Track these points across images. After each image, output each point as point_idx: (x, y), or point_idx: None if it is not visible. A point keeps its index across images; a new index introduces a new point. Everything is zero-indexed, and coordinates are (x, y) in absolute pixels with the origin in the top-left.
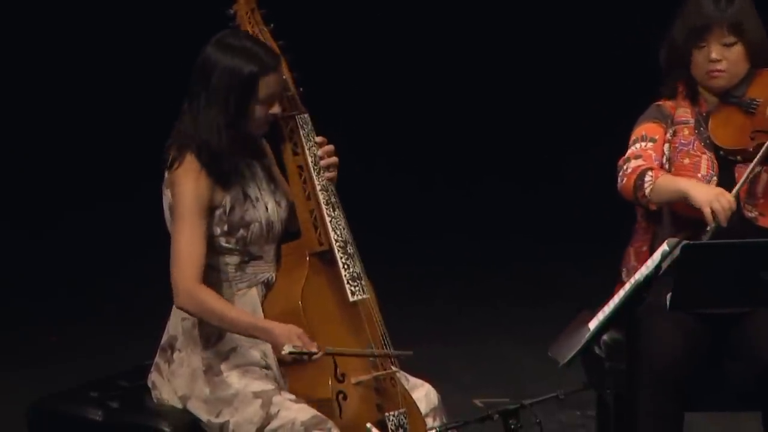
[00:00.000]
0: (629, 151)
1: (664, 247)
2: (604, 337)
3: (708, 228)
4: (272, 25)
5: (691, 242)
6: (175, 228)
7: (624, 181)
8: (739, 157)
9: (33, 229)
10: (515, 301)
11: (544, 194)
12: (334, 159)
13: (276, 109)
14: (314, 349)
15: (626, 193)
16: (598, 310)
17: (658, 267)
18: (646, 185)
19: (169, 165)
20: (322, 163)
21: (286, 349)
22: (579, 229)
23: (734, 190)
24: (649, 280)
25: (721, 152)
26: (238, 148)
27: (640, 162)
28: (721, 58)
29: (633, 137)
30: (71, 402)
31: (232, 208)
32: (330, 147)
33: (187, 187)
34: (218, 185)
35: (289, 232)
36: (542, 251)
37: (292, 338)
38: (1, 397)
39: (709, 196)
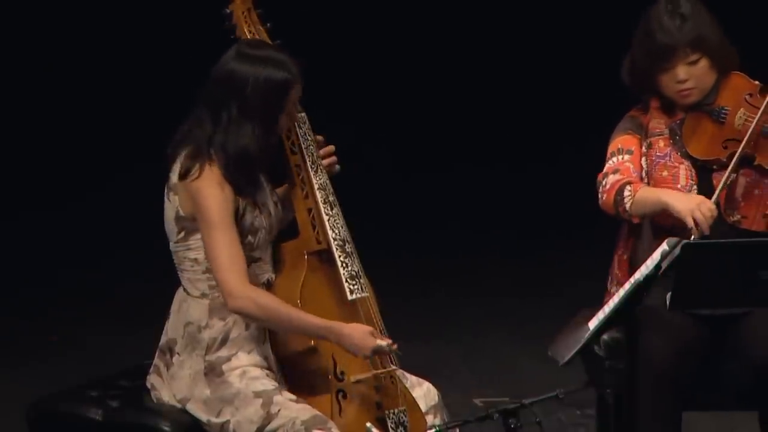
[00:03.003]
0: (607, 166)
1: (664, 246)
2: (604, 336)
3: (692, 238)
4: (269, 24)
5: (692, 242)
6: (209, 236)
7: (604, 198)
8: (714, 166)
9: (33, 227)
10: (515, 300)
11: (545, 192)
12: (334, 159)
13: (296, 118)
14: (390, 341)
15: (608, 209)
16: (598, 310)
17: (657, 266)
18: (626, 200)
19: (183, 174)
20: (324, 162)
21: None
22: (580, 228)
23: (714, 197)
24: (649, 279)
25: (698, 162)
26: (267, 156)
27: (618, 177)
28: (689, 77)
29: (609, 151)
30: (71, 401)
31: (243, 215)
32: (330, 147)
33: (212, 193)
34: (238, 193)
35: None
36: (543, 249)
37: (365, 337)
38: (1, 397)
39: (691, 205)
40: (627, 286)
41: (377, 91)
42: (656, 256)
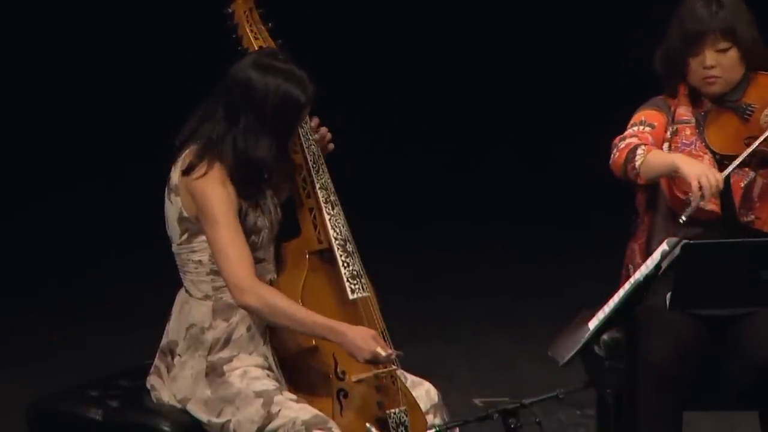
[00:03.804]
0: (626, 132)
1: (664, 246)
2: (604, 336)
3: (692, 203)
4: (270, 24)
5: (691, 242)
6: (214, 232)
7: (616, 156)
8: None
9: (32, 227)
10: (515, 300)
11: (546, 191)
12: (330, 136)
13: (298, 137)
14: (390, 351)
15: (616, 168)
16: (598, 310)
17: (657, 266)
18: (637, 158)
19: (186, 170)
20: (322, 133)
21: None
22: (580, 228)
23: (725, 173)
24: (649, 279)
25: (717, 156)
26: (277, 168)
27: (635, 140)
28: (716, 64)
29: (632, 121)
30: (71, 401)
31: (246, 215)
32: (324, 129)
33: (215, 191)
34: (241, 196)
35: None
36: (543, 249)
37: (368, 341)
38: (1, 397)
39: (698, 171)
40: (627, 286)
41: (377, 88)
42: (656, 256)
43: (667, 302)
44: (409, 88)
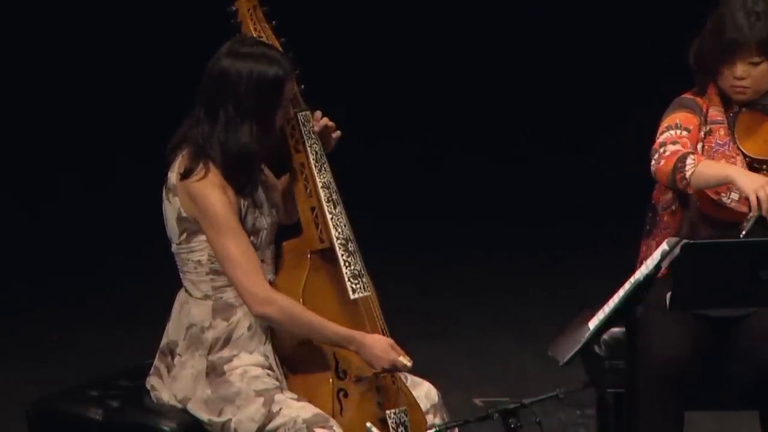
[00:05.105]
0: (664, 137)
1: (664, 246)
2: (605, 336)
3: (749, 216)
4: (274, 22)
5: (691, 241)
6: (221, 242)
7: (662, 163)
8: (764, 167)
9: (31, 227)
10: (517, 299)
11: (548, 191)
12: (333, 125)
13: (290, 114)
14: (406, 362)
15: (662, 175)
16: (598, 309)
17: (658, 266)
18: (687, 167)
19: (185, 174)
20: (329, 126)
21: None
22: (582, 228)
23: None
24: (649, 279)
25: (748, 159)
26: (266, 154)
27: (679, 147)
28: (746, 75)
29: (665, 124)
30: (71, 401)
31: (245, 216)
32: (332, 123)
33: (217, 198)
34: (239, 194)
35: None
36: (545, 249)
37: (386, 350)
38: (1, 397)
39: (756, 185)
40: (627, 286)
41: (381, 84)
42: (656, 255)
43: (667, 302)
44: (413, 85)
